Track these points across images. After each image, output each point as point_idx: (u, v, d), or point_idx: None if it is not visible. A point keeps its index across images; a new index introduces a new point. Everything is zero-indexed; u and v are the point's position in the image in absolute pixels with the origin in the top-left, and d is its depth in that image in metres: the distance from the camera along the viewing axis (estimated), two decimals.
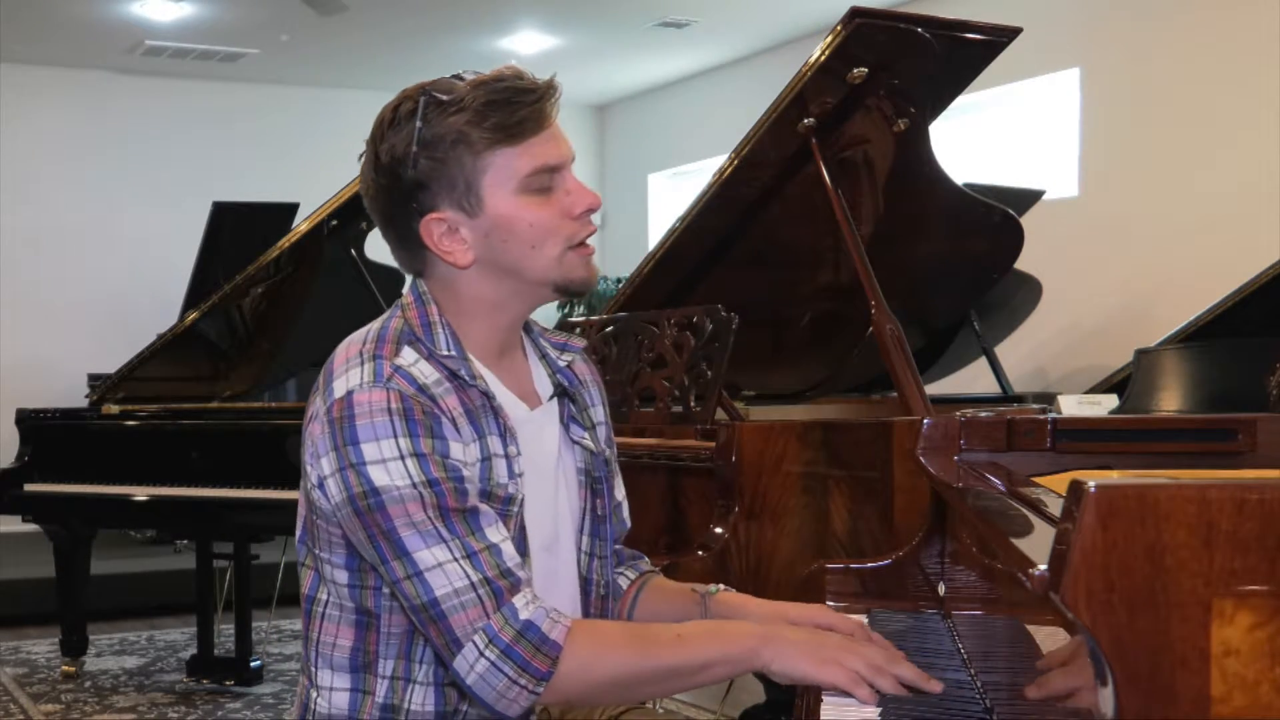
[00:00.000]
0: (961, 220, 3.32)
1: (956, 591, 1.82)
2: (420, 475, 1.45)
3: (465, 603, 1.44)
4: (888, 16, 2.80)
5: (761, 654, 1.48)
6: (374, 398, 1.47)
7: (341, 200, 4.53)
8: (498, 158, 1.52)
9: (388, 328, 1.57)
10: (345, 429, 1.46)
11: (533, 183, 1.53)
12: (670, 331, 2.72)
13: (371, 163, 1.58)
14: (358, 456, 1.46)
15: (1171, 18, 5.75)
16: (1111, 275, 5.92)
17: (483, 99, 1.51)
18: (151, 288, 7.90)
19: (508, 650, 1.43)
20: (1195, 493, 0.86)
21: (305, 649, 1.62)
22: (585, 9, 7.34)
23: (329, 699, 1.58)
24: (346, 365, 1.52)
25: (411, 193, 1.54)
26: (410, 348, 1.53)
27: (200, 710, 4.39)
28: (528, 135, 1.52)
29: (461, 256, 1.55)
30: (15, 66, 8.16)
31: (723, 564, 2.44)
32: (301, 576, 1.62)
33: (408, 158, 1.52)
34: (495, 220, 1.53)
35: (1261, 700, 0.86)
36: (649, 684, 1.50)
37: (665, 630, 1.53)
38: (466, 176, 1.52)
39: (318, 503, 1.53)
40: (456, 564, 1.44)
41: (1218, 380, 3.37)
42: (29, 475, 4.64)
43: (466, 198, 1.53)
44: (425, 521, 1.45)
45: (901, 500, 2.33)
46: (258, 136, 8.79)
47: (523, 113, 1.52)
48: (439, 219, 1.54)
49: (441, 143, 1.51)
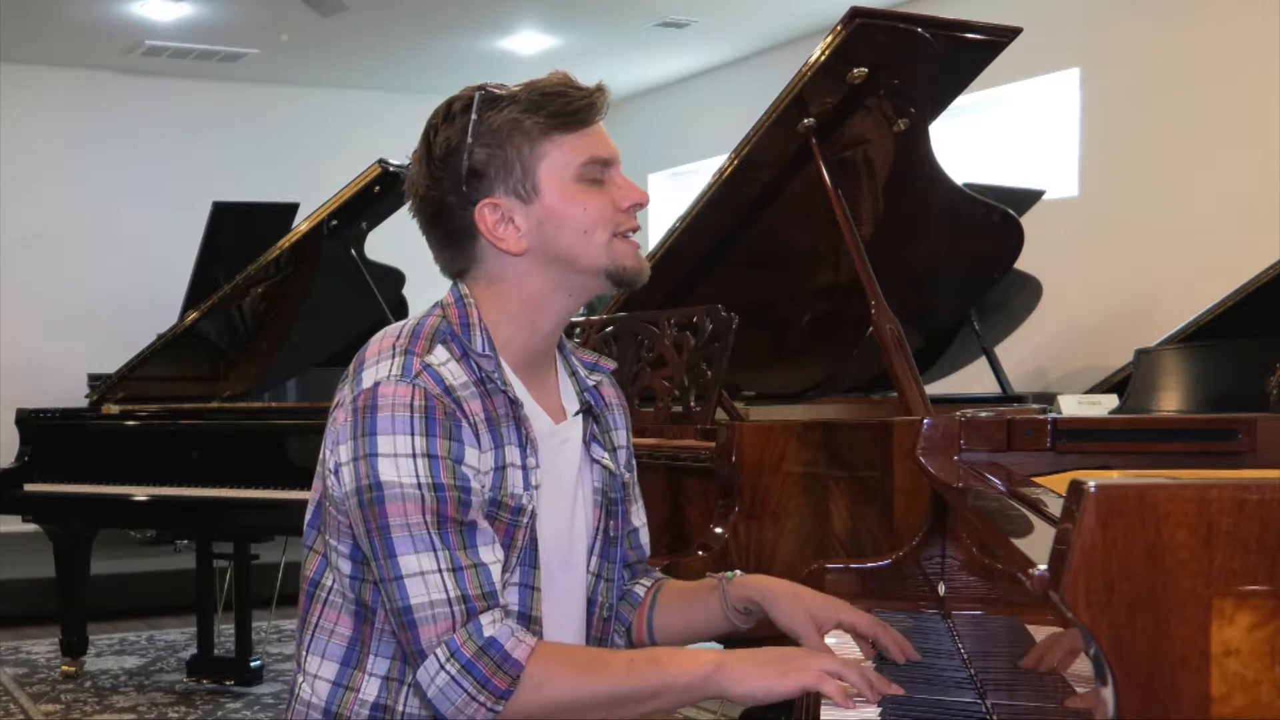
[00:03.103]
0: (961, 220, 3.31)
1: (956, 591, 1.82)
2: (428, 477, 1.46)
3: (437, 615, 1.44)
4: (888, 16, 2.80)
5: (716, 679, 1.47)
6: (399, 392, 1.48)
7: (341, 200, 4.53)
8: (553, 146, 1.56)
9: (424, 324, 1.58)
10: (367, 419, 1.48)
11: (587, 172, 1.58)
12: (670, 331, 2.72)
13: (424, 157, 1.60)
14: (372, 447, 1.47)
15: (1171, 18, 5.75)
16: (1111, 275, 5.92)
17: (537, 92, 1.57)
18: (151, 288, 7.90)
19: (468, 665, 1.43)
20: (1195, 493, 0.86)
21: (301, 633, 1.62)
22: (585, 9, 7.34)
23: (313, 685, 1.58)
24: (378, 357, 1.53)
25: (467, 181, 1.56)
26: (444, 346, 1.54)
27: (200, 710, 4.39)
28: (581, 125, 1.58)
29: (515, 243, 1.57)
30: (15, 66, 8.16)
31: (723, 564, 2.43)
32: (307, 560, 1.62)
33: (463, 147, 1.56)
34: (550, 206, 1.57)
35: (1261, 700, 0.86)
36: (601, 708, 1.49)
37: (618, 655, 1.55)
38: (523, 162, 1.56)
39: (331, 488, 1.53)
40: (439, 575, 1.45)
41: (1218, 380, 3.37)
42: (29, 475, 4.64)
43: (523, 184, 1.56)
44: (420, 525, 1.45)
45: (901, 500, 2.33)
46: (258, 136, 8.79)
47: (577, 103, 1.57)
48: (493, 204, 1.57)
49: (498, 132, 1.56)
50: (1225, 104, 5.51)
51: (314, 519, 1.60)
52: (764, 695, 1.47)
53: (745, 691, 1.47)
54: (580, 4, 7.24)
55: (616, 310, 3.13)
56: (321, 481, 1.57)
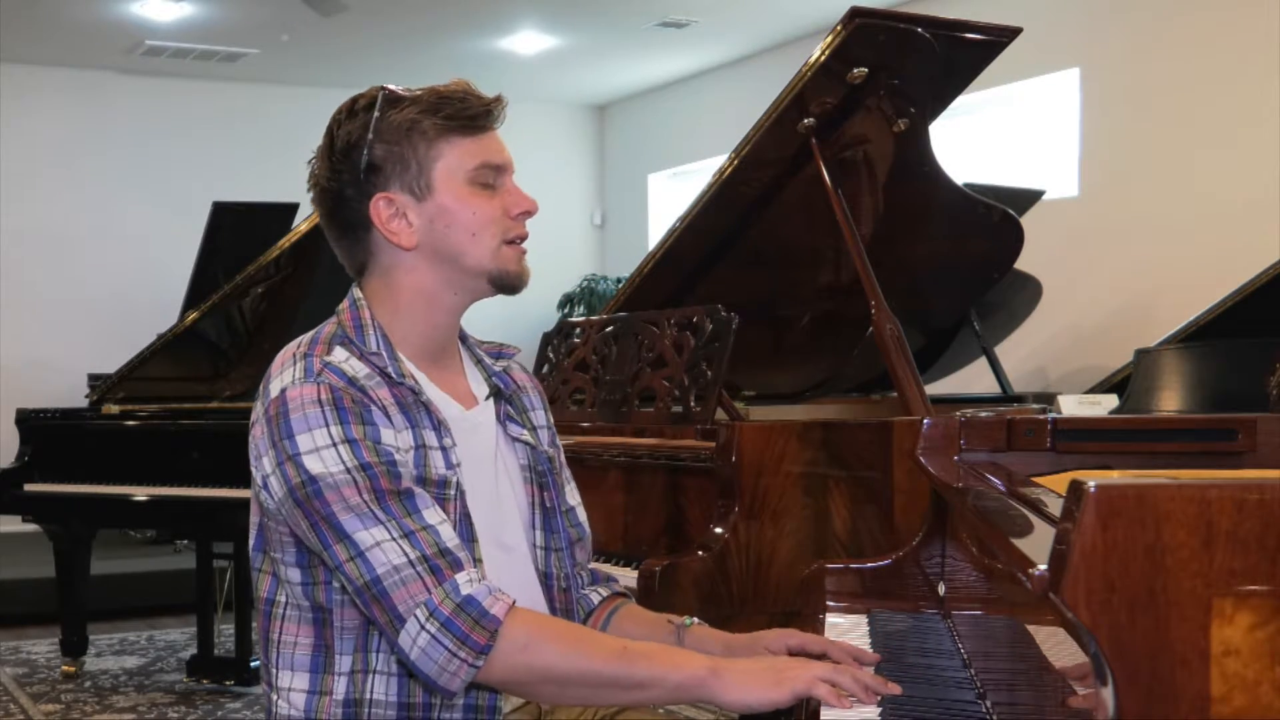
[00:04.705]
0: (961, 220, 3.31)
1: (956, 591, 1.82)
2: (353, 460, 1.51)
3: (405, 579, 1.48)
4: (888, 16, 2.80)
5: (709, 684, 1.47)
6: (305, 392, 1.54)
7: None
8: (450, 147, 1.62)
9: (321, 331, 1.65)
10: (280, 424, 1.53)
11: (479, 176, 1.64)
12: (670, 331, 2.72)
13: (326, 151, 1.66)
14: (293, 448, 1.52)
15: (1171, 18, 5.75)
16: (1111, 275, 5.92)
17: (437, 95, 1.63)
18: (151, 288, 7.90)
19: (447, 623, 1.46)
20: (1195, 493, 0.86)
21: (265, 652, 1.65)
22: (585, 9, 7.34)
23: (288, 699, 1.61)
24: (282, 368, 1.59)
25: (365, 175, 1.62)
26: (341, 347, 1.61)
27: (200, 710, 4.39)
28: (478, 130, 1.64)
29: (406, 238, 1.63)
30: (15, 66, 8.15)
31: (723, 564, 2.44)
32: (258, 582, 1.66)
33: (363, 143, 1.62)
34: (441, 205, 1.63)
35: (1261, 700, 0.86)
36: (585, 687, 1.51)
37: (612, 639, 1.58)
38: (419, 160, 1.62)
39: (265, 503, 1.58)
40: (394, 543, 1.49)
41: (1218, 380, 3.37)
42: (29, 475, 4.64)
43: (417, 181, 1.62)
44: (361, 504, 1.50)
45: (901, 500, 2.33)
46: (258, 136, 8.78)
47: (475, 109, 1.63)
48: (388, 199, 1.62)
49: (397, 129, 1.61)
50: (1225, 104, 5.50)
51: (258, 542, 1.65)
52: (757, 704, 1.47)
53: (737, 700, 1.47)
54: (580, 4, 7.24)
55: (616, 310, 3.13)
56: (256, 502, 1.62)
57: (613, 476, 2.76)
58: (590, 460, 2.75)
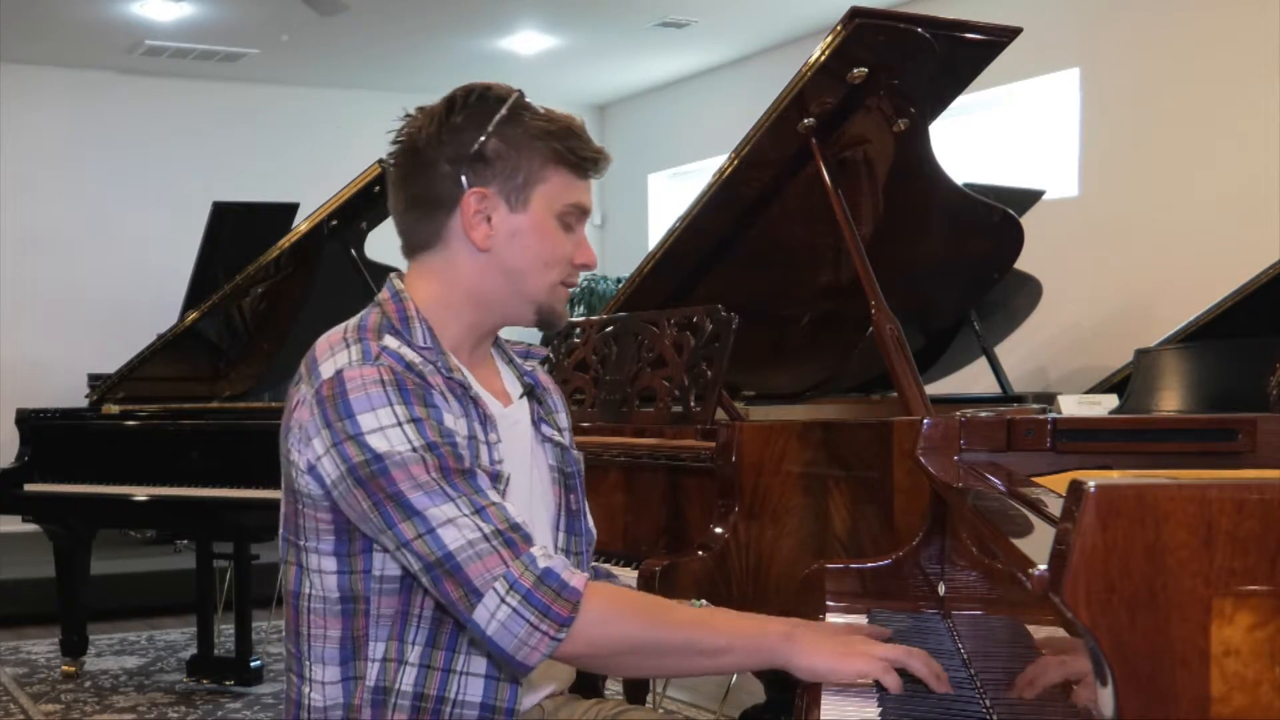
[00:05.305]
0: (961, 220, 3.31)
1: (956, 591, 1.82)
2: (419, 439, 1.50)
3: (481, 552, 1.46)
4: (888, 16, 2.80)
5: (783, 649, 1.49)
6: (365, 373, 1.53)
7: (341, 200, 4.53)
8: (557, 176, 1.64)
9: (366, 320, 1.63)
10: (338, 405, 1.51)
11: (568, 214, 1.66)
12: (670, 331, 2.72)
13: (441, 115, 1.63)
14: (355, 428, 1.50)
15: (1171, 18, 5.76)
16: (1111, 275, 5.92)
17: (565, 124, 1.65)
18: (151, 288, 7.90)
19: (528, 595, 1.45)
20: (1195, 493, 0.86)
21: (294, 645, 1.64)
22: (585, 9, 7.34)
23: (323, 692, 1.60)
24: (331, 351, 1.57)
25: (470, 160, 1.61)
26: (391, 336, 1.59)
27: (200, 710, 4.39)
28: (585, 175, 1.67)
29: (481, 238, 1.62)
30: (15, 66, 8.16)
31: (723, 564, 2.44)
32: (285, 574, 1.65)
33: (481, 129, 1.61)
34: (527, 225, 1.63)
35: (1261, 700, 0.86)
36: (665, 655, 1.52)
37: (686, 607, 1.59)
38: (527, 175, 1.62)
39: (305, 489, 1.57)
40: (467, 519, 1.48)
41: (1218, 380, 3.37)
42: (29, 475, 4.64)
43: (518, 193, 1.62)
44: (430, 482, 1.49)
45: (901, 500, 2.33)
46: (258, 136, 8.79)
47: (591, 154, 1.66)
48: (483, 194, 1.61)
49: (519, 137, 1.62)
50: (1225, 103, 5.51)
51: (286, 531, 1.64)
52: (825, 673, 1.48)
53: (808, 665, 1.48)
54: (580, 4, 7.24)
55: (616, 310, 3.13)
56: (290, 489, 1.61)
57: (613, 476, 2.76)
58: (590, 460, 2.73)
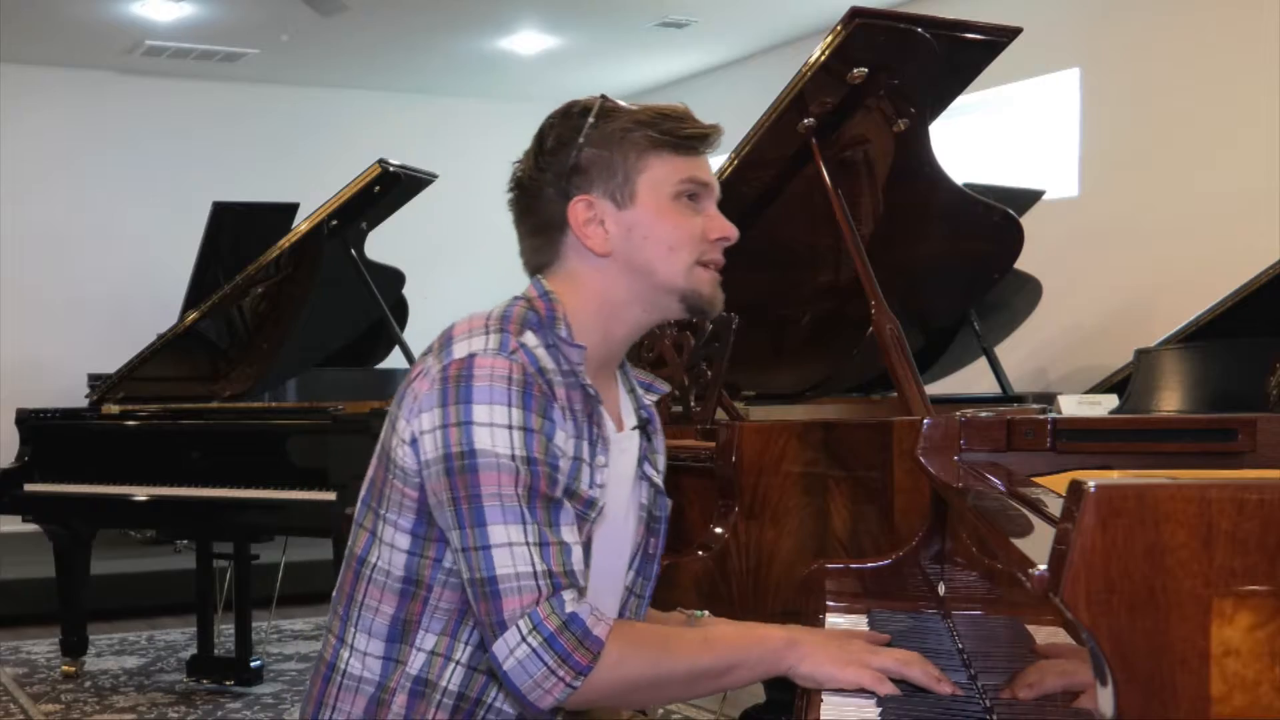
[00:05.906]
0: (961, 220, 3.31)
1: (956, 591, 1.82)
2: (523, 450, 1.47)
3: (523, 588, 1.44)
4: (888, 16, 2.80)
5: (787, 657, 1.49)
6: (496, 364, 1.49)
7: (341, 200, 4.53)
8: (659, 161, 1.61)
9: (511, 311, 1.59)
10: (460, 387, 1.48)
11: (685, 190, 1.62)
12: (670, 331, 2.72)
13: (534, 150, 1.64)
14: (467, 415, 1.47)
15: (1171, 18, 5.75)
16: (1111, 275, 5.92)
17: (654, 111, 1.63)
18: (151, 288, 7.90)
19: (550, 639, 1.43)
20: (1195, 493, 0.86)
21: (343, 608, 1.61)
22: (585, 9, 7.34)
23: (363, 661, 1.58)
24: (469, 333, 1.54)
25: (569, 175, 1.60)
26: (533, 333, 1.55)
27: (200, 710, 4.39)
28: (688, 150, 1.62)
29: (600, 244, 1.60)
30: (15, 66, 8.15)
31: (723, 564, 2.44)
32: (354, 536, 1.62)
33: (573, 144, 1.60)
34: (640, 216, 1.61)
35: (1261, 700, 0.85)
36: (677, 684, 1.51)
37: (692, 632, 1.56)
38: (626, 169, 1.60)
39: (400, 460, 1.53)
40: (526, 549, 1.45)
41: (1218, 380, 3.37)
42: (29, 475, 4.64)
43: (621, 189, 1.60)
44: (512, 497, 1.46)
45: (901, 500, 2.33)
46: (258, 136, 8.79)
47: (689, 130, 1.62)
48: (588, 202, 1.60)
49: (609, 137, 1.60)
50: (1225, 103, 5.50)
51: (367, 495, 1.61)
52: (824, 680, 1.48)
53: (809, 673, 1.49)
54: (580, 4, 7.24)
55: None
56: (381, 458, 1.58)
57: None
58: None
